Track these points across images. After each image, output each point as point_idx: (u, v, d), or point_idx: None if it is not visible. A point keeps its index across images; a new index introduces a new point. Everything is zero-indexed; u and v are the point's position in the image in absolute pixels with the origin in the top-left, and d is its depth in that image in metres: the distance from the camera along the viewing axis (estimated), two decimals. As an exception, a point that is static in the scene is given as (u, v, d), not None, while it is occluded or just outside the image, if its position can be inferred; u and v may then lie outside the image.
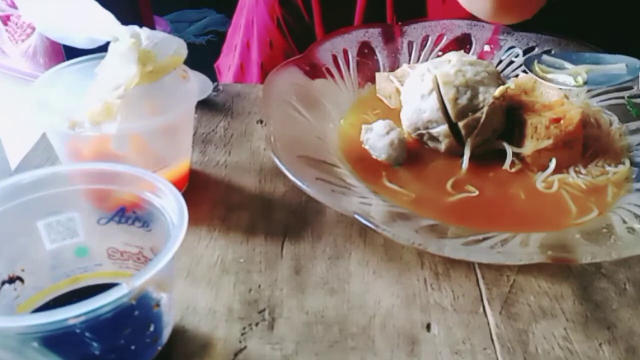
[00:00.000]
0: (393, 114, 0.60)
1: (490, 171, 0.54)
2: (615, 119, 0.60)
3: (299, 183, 0.46)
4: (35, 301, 0.40)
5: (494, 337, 0.41)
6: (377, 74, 0.65)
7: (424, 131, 0.56)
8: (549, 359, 0.40)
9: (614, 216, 0.48)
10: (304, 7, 0.79)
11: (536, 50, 0.67)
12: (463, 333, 0.41)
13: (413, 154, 0.56)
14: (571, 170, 0.54)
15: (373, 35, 0.68)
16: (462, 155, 0.55)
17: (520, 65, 0.66)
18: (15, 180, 0.39)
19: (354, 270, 0.46)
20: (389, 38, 0.68)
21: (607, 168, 0.55)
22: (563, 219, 0.49)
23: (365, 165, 0.54)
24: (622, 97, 0.61)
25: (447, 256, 0.43)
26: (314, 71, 0.62)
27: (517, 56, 0.67)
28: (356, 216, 0.43)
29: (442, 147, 0.55)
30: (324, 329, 0.41)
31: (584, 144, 0.56)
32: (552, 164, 0.53)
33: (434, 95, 0.54)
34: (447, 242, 0.44)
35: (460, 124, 0.54)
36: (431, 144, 0.57)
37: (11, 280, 0.38)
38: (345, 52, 0.65)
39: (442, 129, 0.54)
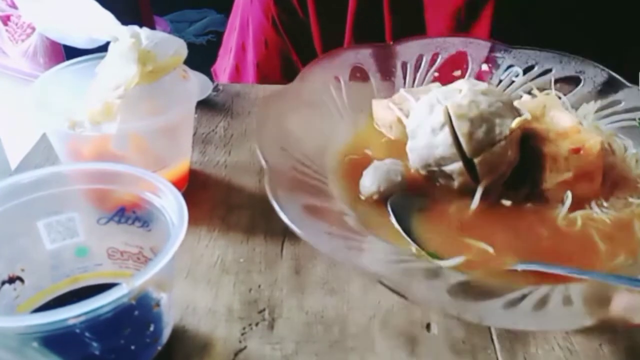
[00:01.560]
0: (395, 147, 0.55)
1: (506, 208, 0.50)
2: (629, 142, 0.56)
3: (311, 241, 0.41)
4: (35, 301, 0.40)
5: (494, 337, 0.41)
6: (374, 102, 0.60)
7: (435, 168, 0.51)
8: (549, 359, 0.40)
9: None
10: (299, 4, 0.79)
11: (536, 69, 0.63)
12: (463, 333, 0.41)
13: (423, 190, 0.52)
14: (593, 204, 0.50)
15: (364, 57, 0.63)
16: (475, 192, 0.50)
17: (522, 86, 0.63)
18: (15, 180, 0.39)
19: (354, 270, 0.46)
20: (382, 59, 0.64)
21: (630, 200, 0.50)
22: (593, 260, 0.45)
23: (367, 206, 0.50)
24: (633, 119, 0.57)
25: (491, 326, 0.41)
26: (305, 102, 0.58)
27: (517, 76, 0.63)
28: (382, 282, 0.38)
29: (456, 184, 0.50)
30: (324, 329, 0.41)
31: (603, 174, 0.51)
32: (569, 199, 0.49)
33: (446, 129, 0.49)
34: (484, 307, 0.39)
35: (476, 161, 0.49)
36: (442, 180, 0.51)
37: (11, 280, 0.38)
38: (337, 79, 0.60)
39: (456, 167, 0.49)
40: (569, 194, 0.49)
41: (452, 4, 0.74)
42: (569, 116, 0.54)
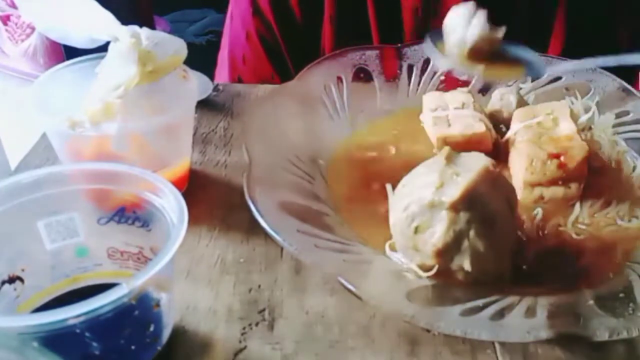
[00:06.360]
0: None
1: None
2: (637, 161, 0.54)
3: (276, 236, 0.41)
4: (35, 301, 0.40)
5: (494, 337, 0.41)
6: (425, 97, 0.59)
7: None
8: (549, 358, 0.40)
9: (632, 274, 0.43)
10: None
11: (546, 76, 0.61)
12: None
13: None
14: (570, 218, 0.49)
15: (370, 58, 0.63)
16: None
17: (528, 93, 0.62)
18: (15, 180, 0.39)
19: (354, 270, 0.46)
20: (388, 61, 0.63)
21: (619, 222, 0.49)
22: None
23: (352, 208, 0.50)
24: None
25: (442, 332, 0.40)
26: (306, 101, 0.58)
27: (525, 82, 0.63)
28: (340, 280, 0.38)
29: None
30: (324, 329, 0.41)
31: (597, 191, 0.51)
32: (539, 214, 0.49)
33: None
34: (441, 312, 0.40)
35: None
36: None
37: (11, 280, 0.38)
38: (339, 79, 0.60)
39: None
40: (540, 210, 0.49)
41: None
42: (570, 124, 0.53)
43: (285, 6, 0.78)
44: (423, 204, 0.41)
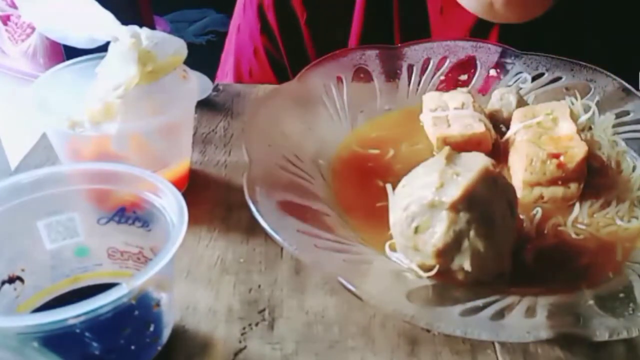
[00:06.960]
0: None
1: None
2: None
3: (276, 236, 0.41)
4: (35, 301, 0.40)
5: (494, 337, 0.41)
6: (425, 97, 0.59)
7: None
8: (549, 359, 0.40)
9: (632, 274, 0.43)
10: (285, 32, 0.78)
11: (546, 76, 0.62)
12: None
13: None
14: (570, 218, 0.49)
15: (370, 58, 0.63)
16: None
17: (528, 93, 0.62)
18: (15, 180, 0.39)
19: (354, 270, 0.46)
20: (388, 61, 0.63)
21: (618, 222, 0.49)
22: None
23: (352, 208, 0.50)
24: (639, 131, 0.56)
25: (442, 332, 0.40)
26: (306, 101, 0.58)
27: (525, 82, 0.62)
28: (340, 281, 0.38)
29: None
30: (324, 329, 0.41)
31: (597, 191, 0.51)
32: (539, 213, 0.49)
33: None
34: (441, 312, 0.40)
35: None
36: None
37: (11, 280, 0.38)
38: (339, 79, 0.60)
39: None
40: (539, 209, 0.49)
41: (460, 28, 0.73)
42: (570, 124, 0.53)
43: (294, 25, 0.77)
44: (423, 204, 0.42)
